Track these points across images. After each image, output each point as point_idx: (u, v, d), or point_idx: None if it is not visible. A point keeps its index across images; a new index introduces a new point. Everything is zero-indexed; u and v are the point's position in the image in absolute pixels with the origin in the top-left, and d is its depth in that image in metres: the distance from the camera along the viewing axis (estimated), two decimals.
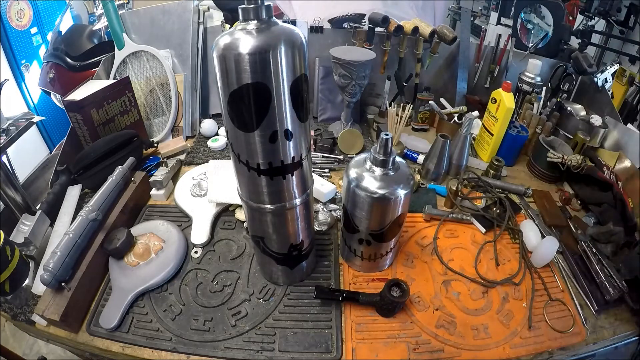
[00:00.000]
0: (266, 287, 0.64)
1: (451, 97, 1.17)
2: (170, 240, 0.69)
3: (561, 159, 0.84)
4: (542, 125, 0.96)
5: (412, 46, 1.12)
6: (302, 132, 0.45)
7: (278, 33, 0.38)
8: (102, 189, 0.70)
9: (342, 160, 0.96)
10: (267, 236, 0.55)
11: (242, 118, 0.41)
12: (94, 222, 0.64)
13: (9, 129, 0.76)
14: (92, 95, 0.84)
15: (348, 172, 0.56)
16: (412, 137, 1.05)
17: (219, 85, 0.40)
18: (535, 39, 1.20)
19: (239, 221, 0.77)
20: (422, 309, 0.61)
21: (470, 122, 0.85)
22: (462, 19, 1.22)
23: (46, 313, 0.54)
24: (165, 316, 0.59)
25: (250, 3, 0.37)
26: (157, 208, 0.81)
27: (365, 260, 0.64)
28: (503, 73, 1.16)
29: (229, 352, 0.55)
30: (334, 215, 0.76)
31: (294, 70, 0.39)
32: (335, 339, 0.56)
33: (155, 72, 1.05)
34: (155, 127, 1.08)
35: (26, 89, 1.87)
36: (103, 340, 0.57)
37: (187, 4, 1.02)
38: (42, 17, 1.93)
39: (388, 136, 0.51)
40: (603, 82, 1.01)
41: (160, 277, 0.63)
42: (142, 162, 0.91)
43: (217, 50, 0.38)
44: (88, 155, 0.80)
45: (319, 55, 1.10)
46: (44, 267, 0.55)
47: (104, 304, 0.60)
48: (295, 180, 0.48)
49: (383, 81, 1.06)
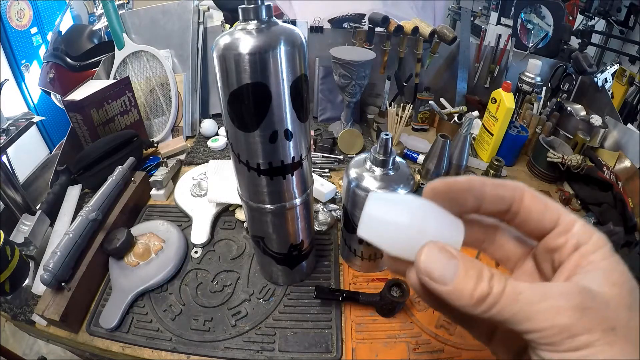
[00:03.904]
0: (266, 287, 0.64)
1: (451, 97, 1.17)
2: (170, 240, 0.69)
3: (561, 159, 0.84)
4: (542, 125, 0.96)
5: (412, 46, 1.12)
6: (302, 132, 0.45)
7: (278, 33, 0.38)
8: (102, 189, 0.70)
9: (342, 160, 0.96)
10: (267, 236, 0.55)
11: (242, 118, 0.41)
12: (94, 222, 0.64)
13: (9, 129, 0.76)
14: (92, 95, 0.84)
15: (348, 172, 0.56)
16: (412, 137, 1.05)
17: (219, 85, 0.40)
18: (535, 39, 1.20)
19: (239, 221, 0.77)
20: (422, 309, 0.61)
21: (470, 122, 0.85)
22: (462, 19, 1.22)
23: (46, 313, 0.54)
24: (165, 316, 0.59)
25: (250, 3, 0.37)
26: (157, 208, 0.81)
27: (365, 260, 0.64)
28: (503, 73, 1.15)
29: (229, 352, 0.55)
30: (334, 215, 0.76)
31: (294, 70, 0.39)
32: (335, 339, 0.56)
33: (155, 72, 1.05)
34: (155, 127, 1.08)
35: (26, 89, 1.88)
36: (103, 340, 0.57)
37: (187, 4, 1.02)
38: (42, 17, 1.94)
39: (388, 136, 0.51)
40: (603, 82, 1.01)
41: (160, 277, 0.63)
42: (142, 162, 0.91)
43: (217, 50, 0.38)
44: (88, 155, 0.80)
45: (319, 55, 1.10)
46: (44, 267, 0.55)
47: (104, 304, 0.60)
48: (295, 180, 0.48)
49: (383, 81, 1.06)
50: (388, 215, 0.22)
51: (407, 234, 0.21)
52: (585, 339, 0.16)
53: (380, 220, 0.22)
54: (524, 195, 0.21)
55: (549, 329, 0.17)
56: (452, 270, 0.19)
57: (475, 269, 0.19)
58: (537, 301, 0.17)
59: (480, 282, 0.18)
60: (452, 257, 0.19)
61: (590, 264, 0.19)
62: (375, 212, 0.22)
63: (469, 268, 0.19)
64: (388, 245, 0.22)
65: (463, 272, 0.19)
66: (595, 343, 0.16)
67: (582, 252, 0.20)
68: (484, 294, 0.18)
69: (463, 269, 0.19)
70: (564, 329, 0.17)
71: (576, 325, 0.17)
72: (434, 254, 0.20)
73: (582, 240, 0.20)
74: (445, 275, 0.19)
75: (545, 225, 0.21)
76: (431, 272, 0.19)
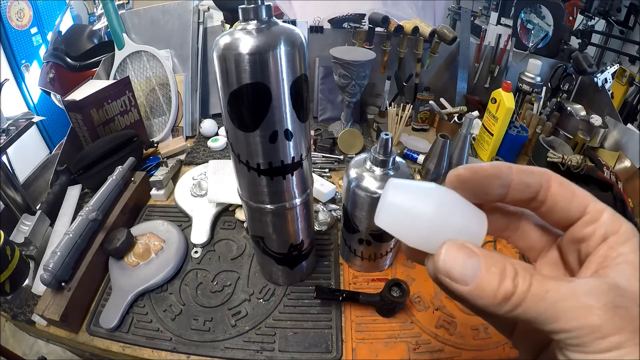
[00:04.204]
0: (266, 287, 0.64)
1: (451, 97, 1.17)
2: (170, 240, 0.69)
3: (561, 159, 0.84)
4: (542, 125, 0.96)
5: (412, 46, 1.12)
6: (302, 132, 0.45)
7: (278, 33, 0.38)
8: (102, 189, 0.70)
9: (342, 160, 0.96)
10: (267, 236, 0.55)
11: (242, 118, 0.41)
12: (94, 222, 0.64)
13: (9, 129, 0.76)
14: (92, 95, 0.84)
15: (348, 172, 0.56)
16: (412, 137, 1.05)
17: (219, 86, 0.40)
18: (535, 39, 1.20)
19: (239, 221, 0.77)
20: (422, 309, 0.61)
21: (470, 122, 0.85)
22: (462, 19, 1.22)
23: (46, 313, 0.54)
24: (165, 316, 0.59)
25: (250, 3, 0.37)
26: (157, 208, 0.81)
27: (365, 260, 0.64)
28: (503, 73, 1.16)
29: (229, 352, 0.55)
30: (334, 215, 0.76)
31: (294, 70, 0.39)
32: (335, 339, 0.56)
33: (155, 72, 1.05)
34: (155, 127, 1.08)
35: (26, 89, 1.88)
36: (103, 340, 0.57)
37: (187, 4, 1.02)
38: (42, 17, 1.94)
39: (388, 136, 0.51)
40: (603, 82, 1.01)
41: (160, 277, 0.63)
42: (142, 162, 0.91)
43: (217, 50, 0.38)
44: (88, 155, 0.80)
45: (319, 55, 1.10)
46: (44, 267, 0.55)
47: (104, 304, 0.60)
48: (295, 180, 0.48)
49: (383, 81, 1.06)
50: (411, 204, 0.20)
51: (430, 226, 0.20)
52: (615, 340, 0.16)
53: (402, 210, 0.20)
54: (551, 182, 0.20)
55: (578, 330, 0.16)
56: (473, 269, 0.18)
57: (498, 266, 0.18)
58: (565, 299, 0.16)
59: (503, 280, 0.17)
60: (473, 255, 0.18)
61: (619, 256, 0.18)
62: (397, 200, 0.20)
63: (491, 265, 0.18)
64: (408, 236, 0.20)
65: (485, 271, 0.18)
66: (625, 344, 0.15)
67: (610, 244, 0.19)
68: (509, 293, 0.17)
69: (485, 266, 0.18)
70: (595, 329, 0.16)
71: (607, 326, 0.16)
72: (453, 252, 0.19)
73: (611, 231, 0.19)
74: (466, 274, 0.18)
75: (573, 214, 0.20)
76: (450, 272, 0.18)
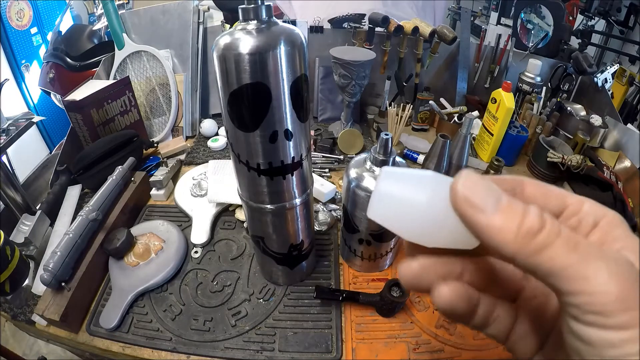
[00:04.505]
0: (266, 287, 0.64)
1: (451, 97, 1.17)
2: (170, 240, 0.69)
3: (561, 159, 0.84)
4: (542, 125, 0.96)
5: (412, 46, 1.12)
6: (302, 132, 0.45)
7: (278, 33, 0.38)
8: (102, 189, 0.70)
9: (342, 160, 0.96)
10: (267, 236, 0.55)
11: (242, 118, 0.41)
12: (94, 222, 0.64)
13: (9, 129, 0.76)
14: (92, 95, 0.84)
15: (348, 172, 0.56)
16: (412, 137, 1.05)
17: (219, 86, 0.40)
18: (535, 39, 1.20)
19: (239, 221, 0.77)
20: (422, 309, 0.61)
21: (470, 122, 0.85)
22: (462, 19, 1.22)
23: (46, 313, 0.54)
24: (165, 316, 0.59)
25: (250, 3, 0.37)
26: (157, 208, 0.81)
27: (365, 260, 0.64)
28: (503, 73, 1.16)
29: (229, 352, 0.55)
30: (334, 215, 0.76)
31: (294, 70, 0.39)
32: (335, 339, 0.56)
33: (155, 72, 1.05)
34: (155, 127, 1.08)
35: (26, 89, 1.88)
36: (103, 340, 0.57)
37: (187, 4, 1.02)
38: (42, 17, 1.94)
39: (388, 136, 0.51)
40: (603, 82, 1.01)
41: (160, 277, 0.63)
42: (142, 162, 0.91)
43: (217, 50, 0.38)
44: (88, 155, 0.80)
45: (319, 55, 1.10)
46: (44, 267, 0.55)
47: (104, 304, 0.60)
48: (295, 180, 0.48)
49: (383, 81, 1.06)
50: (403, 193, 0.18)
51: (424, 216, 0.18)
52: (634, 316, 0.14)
53: (395, 199, 0.18)
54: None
55: (606, 295, 0.14)
56: (496, 197, 0.16)
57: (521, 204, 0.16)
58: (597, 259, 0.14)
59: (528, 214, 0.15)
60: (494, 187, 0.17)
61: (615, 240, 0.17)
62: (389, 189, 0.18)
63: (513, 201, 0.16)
64: (402, 228, 0.19)
65: (507, 202, 0.16)
66: None
67: (603, 228, 0.18)
68: (534, 228, 0.15)
69: (507, 200, 0.16)
70: (621, 297, 0.14)
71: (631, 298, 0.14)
72: (474, 178, 0.17)
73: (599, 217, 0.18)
74: (487, 201, 0.16)
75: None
76: (470, 197, 0.16)
